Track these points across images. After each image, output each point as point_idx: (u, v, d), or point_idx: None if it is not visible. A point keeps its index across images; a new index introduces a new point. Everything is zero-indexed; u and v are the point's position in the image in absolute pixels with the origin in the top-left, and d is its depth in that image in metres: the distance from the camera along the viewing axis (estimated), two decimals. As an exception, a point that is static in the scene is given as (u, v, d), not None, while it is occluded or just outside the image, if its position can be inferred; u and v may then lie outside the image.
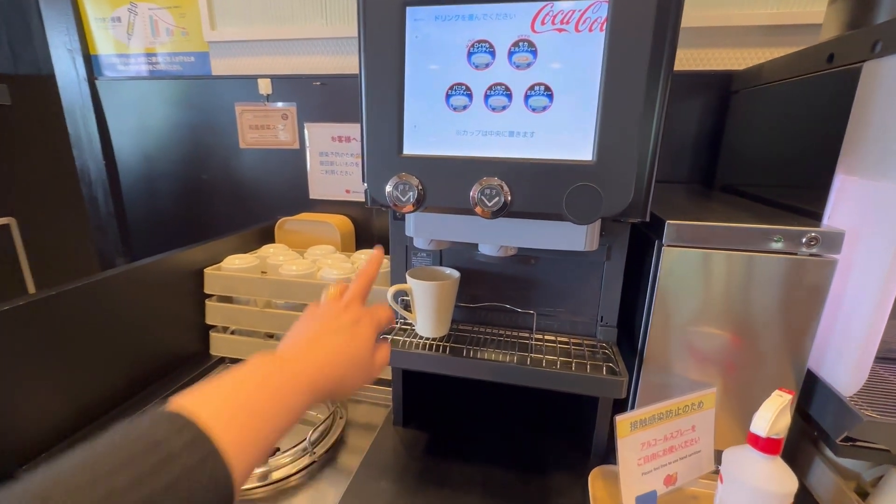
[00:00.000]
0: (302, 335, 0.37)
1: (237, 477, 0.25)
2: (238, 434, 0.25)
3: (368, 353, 0.39)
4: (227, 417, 0.25)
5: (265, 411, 0.28)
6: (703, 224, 0.52)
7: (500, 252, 0.55)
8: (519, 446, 0.67)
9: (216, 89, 1.13)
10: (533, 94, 0.41)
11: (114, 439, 0.23)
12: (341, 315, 0.39)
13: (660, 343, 0.56)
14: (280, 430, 0.29)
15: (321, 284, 0.82)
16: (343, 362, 0.36)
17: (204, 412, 0.25)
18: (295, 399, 0.31)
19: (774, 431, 0.45)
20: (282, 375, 0.31)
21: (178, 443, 0.23)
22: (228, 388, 0.28)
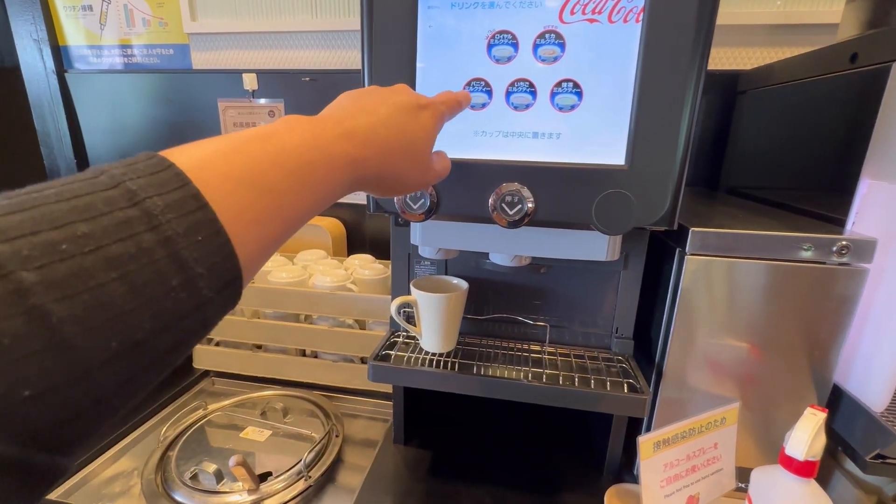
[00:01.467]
0: (349, 100, 0.29)
1: (245, 259, 0.19)
2: (244, 208, 0.20)
3: (428, 148, 0.31)
4: (230, 185, 0.20)
5: (280, 186, 0.22)
6: (729, 232, 0.49)
7: (514, 262, 0.51)
8: (528, 463, 0.63)
9: (197, 84, 1.06)
10: (560, 92, 0.37)
11: (66, 180, 0.17)
12: (406, 92, 0.31)
13: (680, 356, 0.53)
14: (303, 210, 0.23)
15: (313, 293, 0.77)
16: (397, 145, 0.28)
17: (198, 171, 0.19)
18: (327, 172, 0.24)
19: (811, 454, 0.42)
20: (313, 138, 0.24)
21: (160, 201, 0.17)
22: (235, 146, 0.21)
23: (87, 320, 0.15)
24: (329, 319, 0.80)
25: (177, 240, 0.17)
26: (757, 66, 0.80)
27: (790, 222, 0.55)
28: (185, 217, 0.18)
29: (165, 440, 0.66)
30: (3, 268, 0.14)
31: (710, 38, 0.37)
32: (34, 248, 0.15)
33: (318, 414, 0.74)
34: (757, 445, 0.56)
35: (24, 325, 0.14)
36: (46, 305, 0.14)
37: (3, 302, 0.14)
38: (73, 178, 0.17)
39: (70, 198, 0.16)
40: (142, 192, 0.17)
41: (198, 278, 0.18)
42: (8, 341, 0.13)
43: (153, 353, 0.17)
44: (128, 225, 0.16)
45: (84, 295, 0.15)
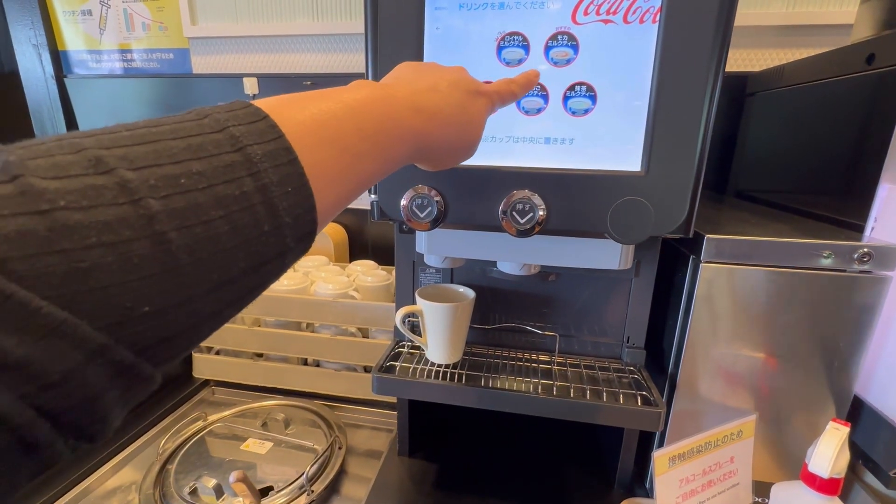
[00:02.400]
0: (413, 73, 0.30)
1: (322, 209, 0.21)
2: (324, 164, 0.21)
3: (479, 131, 0.32)
4: (314, 140, 0.21)
5: (359, 149, 0.23)
6: (745, 239, 0.47)
7: (523, 270, 0.49)
8: (536, 476, 0.61)
9: (198, 89, 1.05)
10: (573, 95, 0.35)
11: (176, 118, 0.18)
12: (465, 73, 0.32)
13: (694, 367, 0.52)
14: (372, 173, 0.24)
15: (316, 301, 0.76)
16: (456, 124, 0.29)
17: (287, 122, 0.20)
18: (396, 140, 0.25)
19: (836, 471, 0.40)
20: (388, 107, 0.25)
21: (259, 150, 0.18)
22: (321, 105, 0.22)
23: (198, 251, 0.16)
24: (331, 327, 0.78)
25: (271, 188, 0.18)
26: (767, 67, 0.79)
27: (805, 228, 0.53)
28: (279, 168, 0.19)
29: (164, 452, 0.65)
30: (135, 193, 0.15)
31: (728, 39, 0.35)
32: (159, 179, 0.16)
33: (321, 424, 0.72)
34: (774, 459, 0.54)
35: (150, 248, 0.15)
36: (168, 233, 0.15)
37: (134, 225, 0.15)
38: (181, 117, 0.19)
39: (184, 136, 0.17)
40: (244, 139, 0.18)
41: (285, 227, 0.19)
42: (137, 261, 0.15)
43: (240, 291, 0.18)
44: (232, 168, 0.18)
45: (197, 227, 0.16)
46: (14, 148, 0.15)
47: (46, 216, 0.13)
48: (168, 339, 0.16)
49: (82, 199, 0.14)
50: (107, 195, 0.15)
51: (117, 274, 0.14)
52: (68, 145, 0.15)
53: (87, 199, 0.14)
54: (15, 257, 0.13)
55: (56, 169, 0.14)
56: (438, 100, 0.28)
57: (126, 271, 0.14)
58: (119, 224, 0.14)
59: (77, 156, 0.15)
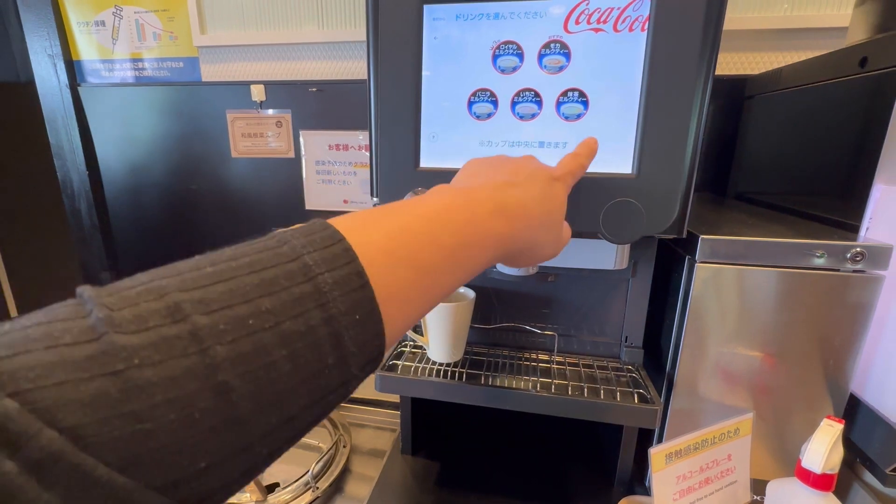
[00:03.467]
0: (488, 169, 0.29)
1: (389, 337, 0.20)
2: (398, 286, 0.20)
3: (562, 219, 0.31)
4: (390, 261, 0.20)
5: (436, 265, 0.22)
6: (739, 239, 0.48)
7: (522, 271, 0.51)
8: (537, 474, 0.62)
9: (206, 96, 1.07)
10: (566, 101, 0.37)
11: (257, 248, 0.18)
12: (537, 162, 0.31)
13: (691, 366, 0.52)
14: (448, 288, 0.23)
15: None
16: (540, 218, 0.28)
17: (363, 244, 0.19)
18: (480, 250, 0.24)
19: (829, 466, 0.41)
20: (471, 214, 0.24)
21: (330, 277, 0.18)
22: (400, 222, 0.21)
23: (259, 397, 0.16)
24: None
25: (339, 318, 0.18)
26: (764, 70, 0.80)
27: (801, 228, 0.54)
28: (349, 295, 0.18)
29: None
30: (204, 342, 0.15)
31: (716, 46, 0.37)
32: (228, 322, 0.16)
33: (326, 424, 0.74)
34: (772, 456, 0.55)
35: (211, 399, 0.15)
36: (231, 382, 0.15)
37: (199, 376, 0.15)
38: (263, 244, 0.19)
39: (260, 269, 0.17)
40: (316, 268, 0.18)
41: (350, 356, 0.18)
42: (198, 415, 0.15)
43: (300, 426, 0.18)
44: (301, 301, 0.17)
45: (260, 371, 0.16)
46: (105, 296, 0.15)
47: (121, 376, 0.14)
48: (222, 488, 0.16)
49: (155, 353, 0.14)
50: (178, 346, 0.15)
51: (178, 431, 0.14)
52: (155, 289, 0.16)
53: (159, 354, 0.14)
54: (88, 423, 0.13)
55: (138, 322, 0.15)
56: (520, 194, 0.26)
57: (187, 427, 0.14)
58: (185, 377, 0.15)
59: (159, 303, 0.15)
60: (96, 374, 0.14)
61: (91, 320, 0.15)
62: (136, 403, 0.14)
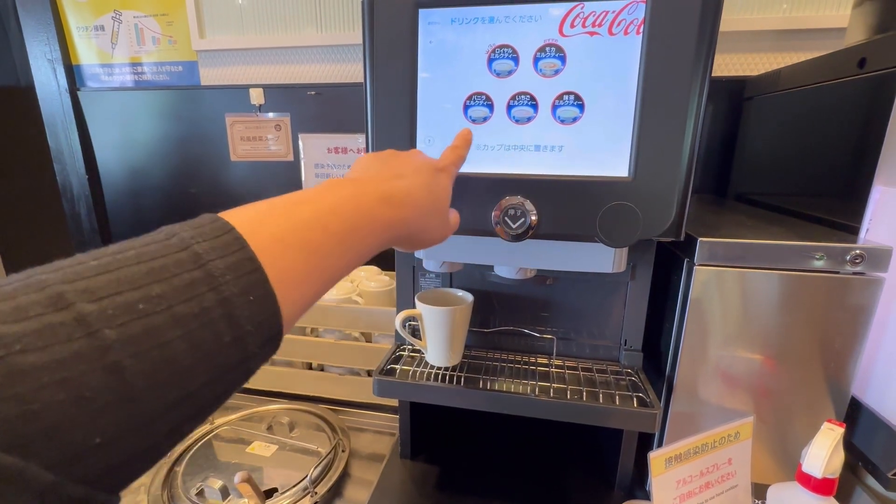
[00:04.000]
0: (377, 163, 0.31)
1: (287, 317, 0.21)
2: (291, 269, 0.21)
3: (447, 205, 0.33)
4: (281, 247, 0.21)
5: (327, 249, 0.23)
6: (737, 241, 0.48)
7: (519, 274, 0.50)
8: (537, 478, 0.62)
9: (205, 100, 1.08)
10: (561, 104, 0.37)
11: (144, 241, 0.19)
12: (422, 155, 0.34)
13: (690, 369, 0.52)
14: (342, 269, 0.25)
15: (318, 306, 0.77)
16: (427, 205, 0.30)
17: (254, 233, 0.20)
18: (368, 234, 0.26)
19: (830, 471, 0.41)
20: (357, 201, 0.26)
21: (222, 263, 0.19)
22: (287, 209, 0.23)
23: (154, 375, 0.16)
24: (335, 332, 0.80)
25: (232, 300, 0.19)
26: (764, 72, 0.79)
27: (801, 230, 0.54)
28: (241, 278, 0.19)
29: (172, 455, 0.66)
30: (91, 326, 0.15)
31: (712, 49, 0.36)
32: (117, 308, 0.16)
33: (325, 428, 0.73)
34: (773, 460, 0.54)
35: (102, 379, 0.15)
36: (123, 361, 0.16)
37: (88, 358, 0.15)
38: (150, 238, 0.19)
39: (148, 260, 0.18)
40: (206, 256, 0.19)
41: (247, 335, 0.19)
42: (89, 394, 0.15)
43: (201, 403, 0.19)
44: (192, 286, 0.18)
45: (153, 352, 0.16)
46: None
47: (3, 362, 0.14)
48: (123, 464, 0.16)
49: (38, 339, 0.15)
50: (62, 332, 0.15)
51: (68, 410, 0.14)
52: (34, 284, 0.16)
53: (42, 339, 0.15)
54: None
55: (17, 312, 0.15)
56: (407, 185, 0.29)
57: (78, 406, 0.15)
58: (73, 359, 0.15)
59: (39, 294, 0.16)
60: None
61: None
62: (20, 387, 0.14)
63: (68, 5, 1.10)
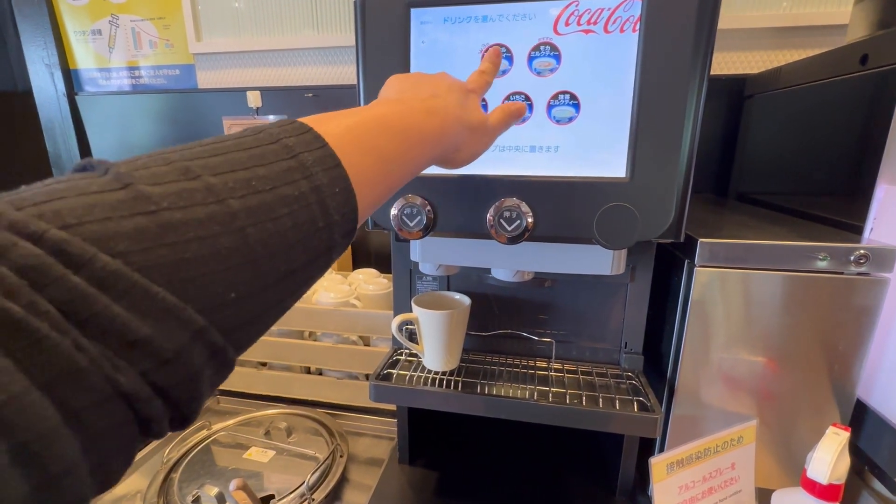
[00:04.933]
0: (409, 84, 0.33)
1: (361, 209, 0.24)
2: (365, 169, 0.24)
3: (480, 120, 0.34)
4: (354, 148, 0.24)
5: (392, 154, 0.26)
6: (738, 242, 0.47)
7: (517, 277, 0.50)
8: (537, 483, 0.61)
9: (203, 103, 1.07)
10: (557, 104, 0.36)
11: (238, 134, 0.21)
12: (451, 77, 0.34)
13: (692, 372, 0.51)
14: (403, 176, 0.28)
15: (317, 310, 0.77)
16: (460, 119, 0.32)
17: (332, 138, 0.23)
18: (421, 144, 0.28)
19: (835, 476, 0.40)
20: (409, 114, 0.28)
21: (310, 157, 0.21)
22: (356, 119, 0.25)
23: (271, 245, 0.19)
24: (333, 336, 0.79)
25: (323, 189, 0.21)
26: (764, 69, 0.78)
27: (804, 230, 0.53)
28: (328, 171, 0.21)
29: (169, 461, 0.66)
30: (219, 195, 0.18)
31: (711, 46, 0.36)
32: (236, 182, 0.18)
33: (323, 433, 0.73)
34: (777, 465, 0.53)
35: (233, 241, 0.17)
36: (247, 229, 0.18)
37: (221, 221, 0.17)
38: (239, 133, 0.21)
39: (248, 148, 0.20)
40: (297, 148, 0.21)
41: (334, 224, 0.21)
42: (225, 252, 0.17)
43: (298, 282, 0.21)
44: (290, 172, 0.20)
45: (269, 224, 0.19)
46: (119, 163, 0.18)
47: (155, 215, 0.16)
48: (247, 323, 0.18)
49: (180, 200, 0.17)
50: (198, 196, 0.17)
51: (211, 264, 0.17)
52: (160, 159, 0.18)
53: (183, 201, 0.17)
54: (135, 250, 0.15)
55: (156, 177, 0.17)
56: (445, 103, 0.31)
57: (218, 261, 0.17)
58: (210, 221, 0.17)
59: (169, 167, 0.18)
60: (133, 213, 0.16)
61: (110, 176, 0.16)
62: (172, 237, 0.16)
63: (65, 10, 1.10)
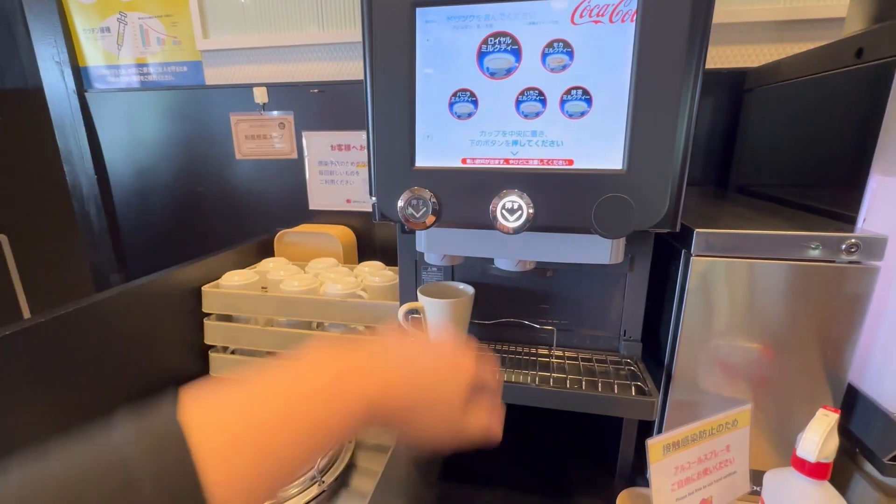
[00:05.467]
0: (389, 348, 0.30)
1: None
2: (241, 472, 0.21)
3: (458, 404, 0.30)
4: (232, 451, 0.21)
5: (289, 448, 0.22)
6: (733, 232, 0.49)
7: (519, 266, 0.51)
8: (539, 467, 0.63)
9: (210, 99, 1.09)
10: (570, 99, 0.37)
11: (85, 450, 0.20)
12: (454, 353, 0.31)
13: (689, 359, 0.53)
14: (302, 463, 0.24)
15: (325, 301, 0.79)
16: (423, 400, 0.28)
17: (208, 436, 0.20)
18: (341, 422, 0.25)
19: (824, 455, 0.41)
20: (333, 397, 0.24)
21: (150, 467, 0.19)
22: (248, 406, 0.23)
23: None
24: (340, 326, 0.81)
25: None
26: (764, 63, 0.79)
27: (799, 221, 0.54)
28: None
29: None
30: None
31: (706, 39, 0.37)
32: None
33: (331, 420, 0.75)
34: (772, 447, 0.55)
35: None
36: None
37: None
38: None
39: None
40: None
41: None
42: None
43: None
44: None
45: None
46: None
47: None
48: None
49: None
50: None
51: None
52: None
53: None
54: None
55: None
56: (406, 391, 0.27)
57: None
58: None
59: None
60: None
61: None
62: None
63: (74, 7, 1.12)
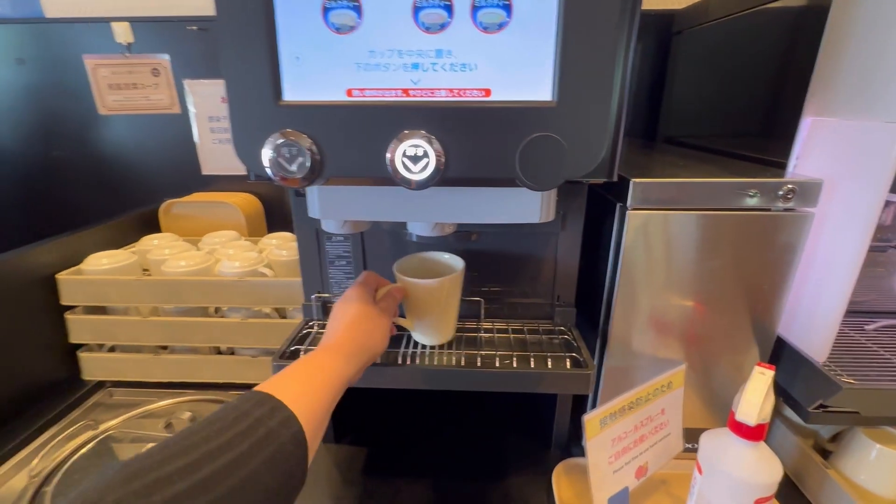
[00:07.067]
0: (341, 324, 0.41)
1: (310, 437, 0.31)
2: (305, 406, 0.32)
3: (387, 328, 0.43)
4: (296, 394, 0.33)
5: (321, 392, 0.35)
6: (671, 181, 0.44)
7: (437, 231, 0.43)
8: (471, 447, 0.58)
9: (55, 37, 0.86)
10: (485, 5, 0.28)
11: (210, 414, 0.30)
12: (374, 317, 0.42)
13: (625, 320, 0.49)
14: (333, 402, 0.37)
15: (215, 282, 0.66)
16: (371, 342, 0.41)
17: (279, 392, 0.32)
18: (342, 381, 0.38)
19: (762, 417, 0.39)
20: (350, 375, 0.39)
21: (261, 410, 0.30)
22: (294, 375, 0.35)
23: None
24: (241, 310, 0.69)
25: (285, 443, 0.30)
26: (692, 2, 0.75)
27: (734, 168, 0.51)
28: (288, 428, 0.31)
29: (38, 475, 0.55)
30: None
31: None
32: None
33: (236, 418, 0.65)
34: (703, 404, 0.54)
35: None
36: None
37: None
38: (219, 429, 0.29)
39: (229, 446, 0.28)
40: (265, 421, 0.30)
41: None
42: None
43: None
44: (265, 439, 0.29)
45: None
46: None
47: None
48: None
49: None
50: None
51: None
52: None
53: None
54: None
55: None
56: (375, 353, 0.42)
57: None
58: None
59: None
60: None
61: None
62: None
63: None
